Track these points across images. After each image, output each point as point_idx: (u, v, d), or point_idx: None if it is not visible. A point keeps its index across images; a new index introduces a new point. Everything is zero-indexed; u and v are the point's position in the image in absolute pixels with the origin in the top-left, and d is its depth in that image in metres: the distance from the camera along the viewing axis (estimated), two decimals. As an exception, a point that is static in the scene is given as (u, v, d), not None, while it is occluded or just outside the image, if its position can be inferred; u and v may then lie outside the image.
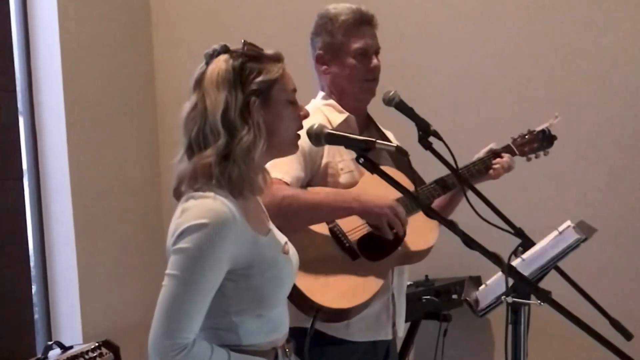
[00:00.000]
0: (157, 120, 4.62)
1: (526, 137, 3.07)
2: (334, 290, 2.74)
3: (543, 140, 3.07)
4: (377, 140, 2.25)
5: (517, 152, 3.05)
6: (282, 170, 2.75)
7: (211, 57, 2.17)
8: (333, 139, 2.33)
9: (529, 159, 3.09)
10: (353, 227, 2.83)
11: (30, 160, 4.06)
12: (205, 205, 2.06)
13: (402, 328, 3.05)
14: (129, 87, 4.48)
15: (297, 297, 2.70)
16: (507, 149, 3.05)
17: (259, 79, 2.14)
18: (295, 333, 2.75)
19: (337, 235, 2.81)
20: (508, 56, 4.23)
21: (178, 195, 2.15)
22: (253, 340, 2.15)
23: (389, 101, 2.71)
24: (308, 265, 2.69)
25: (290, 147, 2.25)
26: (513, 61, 4.22)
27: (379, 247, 2.83)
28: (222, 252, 2.04)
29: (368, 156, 2.25)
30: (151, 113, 4.59)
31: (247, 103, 2.12)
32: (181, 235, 2.04)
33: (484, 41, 4.26)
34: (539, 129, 3.08)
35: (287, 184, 2.75)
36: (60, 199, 4.05)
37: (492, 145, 3.05)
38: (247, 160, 2.11)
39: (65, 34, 4.03)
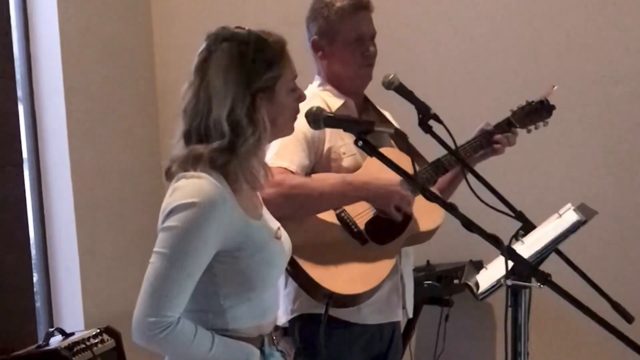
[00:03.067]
0: (158, 106, 4.61)
1: (525, 108, 3.07)
2: (345, 276, 2.74)
3: (542, 111, 3.07)
4: (376, 124, 2.24)
5: (517, 125, 3.05)
6: (288, 158, 2.75)
7: (215, 41, 2.13)
8: (331, 122, 2.32)
9: (529, 131, 3.08)
10: (360, 211, 2.84)
11: (30, 147, 4.06)
12: (195, 185, 2.06)
13: (411, 309, 3.06)
14: (128, 73, 4.47)
15: (308, 285, 2.71)
16: (507, 122, 3.04)
17: (267, 75, 2.12)
18: (307, 320, 2.77)
19: (345, 221, 2.81)
20: (508, 39, 4.21)
21: (169, 176, 2.14)
22: (240, 325, 2.15)
23: (388, 84, 2.70)
24: (317, 253, 2.72)
25: (289, 130, 2.25)
26: (513, 44, 4.21)
27: (386, 230, 2.84)
28: (210, 232, 2.04)
29: (367, 139, 2.24)
30: (151, 99, 4.59)
31: (254, 101, 2.11)
32: (170, 213, 2.04)
33: (484, 24, 4.25)
34: (537, 99, 3.08)
35: (292, 172, 2.75)
36: (61, 186, 4.05)
37: (485, 124, 3.04)
38: (251, 158, 2.12)
39: (64, 20, 4.02)
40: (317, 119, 2.30)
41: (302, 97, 2.24)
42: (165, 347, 2.05)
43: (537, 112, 3.06)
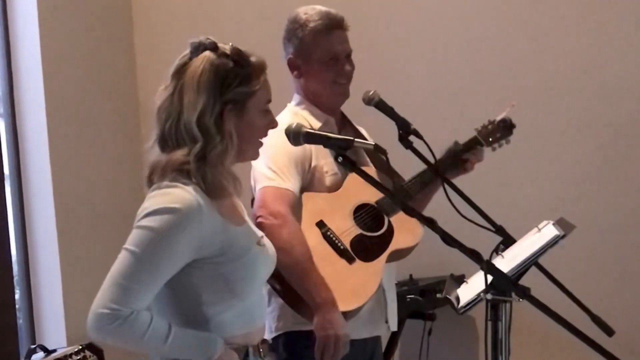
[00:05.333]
0: (139, 121, 4.60)
1: (489, 127, 3.11)
2: (335, 294, 2.74)
3: (504, 129, 3.11)
4: (356, 139, 2.26)
5: (484, 143, 3.08)
6: (289, 180, 2.79)
7: (197, 49, 2.17)
8: (311, 138, 2.34)
9: (494, 149, 3.12)
10: (344, 229, 2.86)
11: (12, 163, 4.04)
12: (176, 193, 2.08)
13: (394, 323, 3.07)
14: (110, 88, 4.46)
15: (297, 303, 2.72)
16: (475, 141, 3.07)
17: (239, 89, 2.15)
18: (292, 337, 2.80)
19: (331, 240, 2.83)
20: (488, 55, 4.23)
21: (150, 183, 2.16)
22: (226, 334, 2.15)
23: (368, 101, 2.73)
24: None
25: (254, 154, 2.27)
26: (492, 61, 4.22)
27: (371, 247, 2.86)
28: (184, 240, 2.05)
29: (347, 155, 2.25)
30: (133, 114, 4.58)
31: (223, 111, 2.14)
32: (150, 214, 2.06)
33: (463, 39, 4.26)
34: (498, 118, 3.11)
35: (292, 191, 2.78)
36: (43, 202, 4.03)
37: (454, 144, 3.07)
38: (218, 167, 2.14)
39: (45, 35, 4.01)
40: (297, 135, 2.31)
41: (273, 124, 2.25)
42: (116, 338, 2.05)
43: (499, 130, 3.10)
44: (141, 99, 4.62)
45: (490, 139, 3.08)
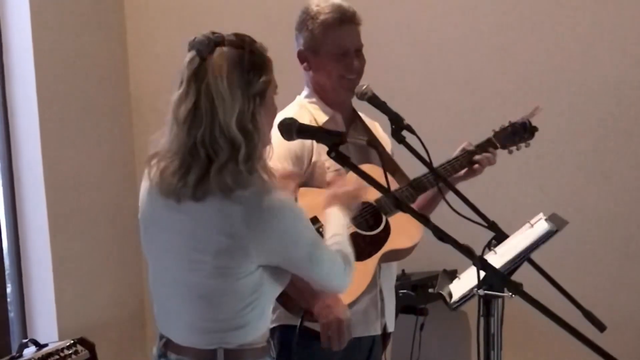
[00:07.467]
0: (132, 116, 4.60)
1: (508, 129, 3.04)
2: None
3: (524, 132, 3.05)
4: (349, 134, 2.25)
5: (498, 145, 3.02)
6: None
7: (206, 46, 2.06)
8: (304, 133, 2.32)
9: (510, 152, 3.06)
10: None
11: (3, 157, 4.04)
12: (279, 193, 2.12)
13: (392, 323, 3.05)
14: (102, 82, 4.46)
15: (284, 299, 2.70)
16: (489, 142, 3.01)
17: (262, 79, 2.08)
18: (285, 330, 2.78)
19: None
20: (484, 50, 4.23)
21: (230, 194, 2.07)
22: (261, 331, 2.19)
23: (361, 95, 2.70)
24: None
25: (269, 140, 2.23)
26: (489, 56, 4.22)
27: (363, 247, 2.82)
28: None
29: (340, 150, 2.25)
30: (125, 108, 4.57)
31: (254, 106, 2.07)
32: (274, 214, 2.08)
33: (460, 35, 4.26)
34: (519, 120, 3.06)
35: None
36: (34, 195, 4.03)
37: (467, 144, 3.03)
38: (260, 162, 2.10)
39: (38, 29, 4.00)
40: (290, 129, 2.30)
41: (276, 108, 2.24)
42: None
43: (519, 133, 3.04)
44: (133, 93, 4.61)
45: (507, 142, 3.02)
